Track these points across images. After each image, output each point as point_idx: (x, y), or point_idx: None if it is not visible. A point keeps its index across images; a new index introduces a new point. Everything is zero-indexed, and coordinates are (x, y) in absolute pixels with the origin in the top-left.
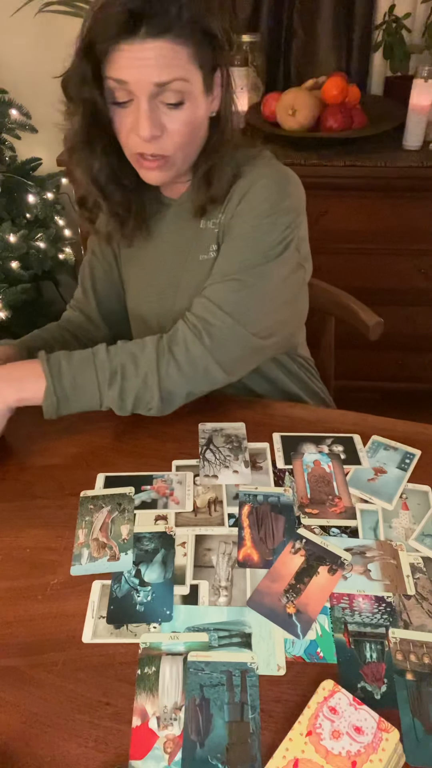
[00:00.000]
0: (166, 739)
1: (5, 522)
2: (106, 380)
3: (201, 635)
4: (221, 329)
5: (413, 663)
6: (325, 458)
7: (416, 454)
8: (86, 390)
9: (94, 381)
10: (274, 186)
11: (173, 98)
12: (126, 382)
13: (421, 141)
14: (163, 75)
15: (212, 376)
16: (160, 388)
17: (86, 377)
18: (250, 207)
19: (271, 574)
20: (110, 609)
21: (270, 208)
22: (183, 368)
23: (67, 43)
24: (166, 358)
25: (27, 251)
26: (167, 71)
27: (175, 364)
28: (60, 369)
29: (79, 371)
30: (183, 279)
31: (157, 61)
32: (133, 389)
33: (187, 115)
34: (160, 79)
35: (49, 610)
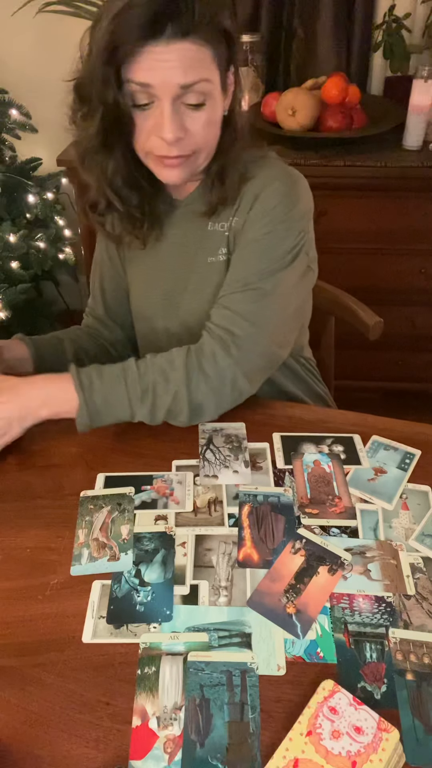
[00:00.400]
0: (166, 739)
1: (5, 522)
2: (137, 397)
3: (201, 635)
4: (246, 340)
5: (413, 663)
6: (325, 458)
7: (416, 454)
8: (118, 406)
9: (125, 398)
10: (285, 189)
11: (195, 99)
12: (157, 398)
13: (421, 141)
14: (188, 76)
15: (239, 387)
16: (190, 401)
17: (118, 394)
18: (264, 212)
19: (271, 574)
20: (110, 609)
21: (283, 213)
22: (212, 382)
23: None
24: (196, 373)
25: (27, 251)
26: (192, 72)
27: (204, 378)
28: (91, 385)
29: (110, 389)
30: (189, 281)
31: (182, 62)
32: (165, 405)
33: (208, 115)
34: (186, 80)
35: (49, 610)
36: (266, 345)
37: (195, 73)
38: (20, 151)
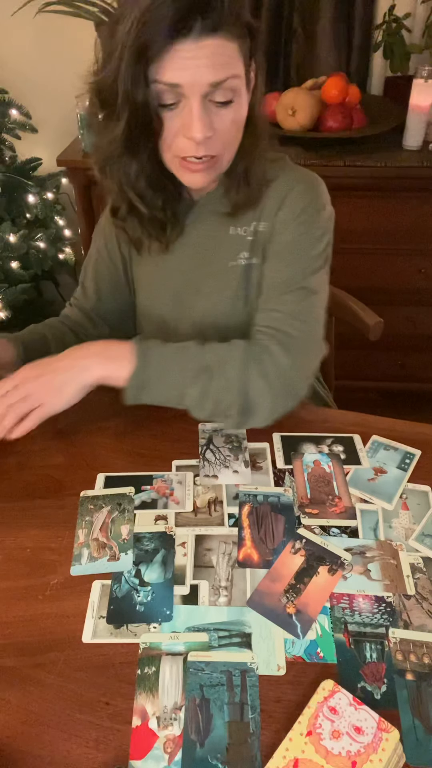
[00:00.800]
0: (166, 739)
1: (5, 522)
2: (191, 376)
3: (201, 635)
4: (302, 340)
5: (413, 663)
6: (325, 458)
7: (416, 454)
8: (170, 382)
9: (178, 375)
10: (311, 192)
11: (224, 96)
12: (211, 381)
13: (421, 141)
14: (218, 74)
15: (296, 389)
16: (244, 394)
17: (173, 369)
18: (294, 214)
19: (271, 574)
20: (110, 609)
21: (313, 214)
22: (270, 379)
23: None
24: (255, 366)
25: (27, 251)
26: (222, 69)
27: (263, 373)
28: (149, 355)
29: (167, 361)
30: (204, 283)
31: (212, 59)
32: (215, 391)
33: (235, 112)
34: (216, 78)
35: (49, 610)
36: (318, 343)
37: (225, 70)
38: (20, 151)
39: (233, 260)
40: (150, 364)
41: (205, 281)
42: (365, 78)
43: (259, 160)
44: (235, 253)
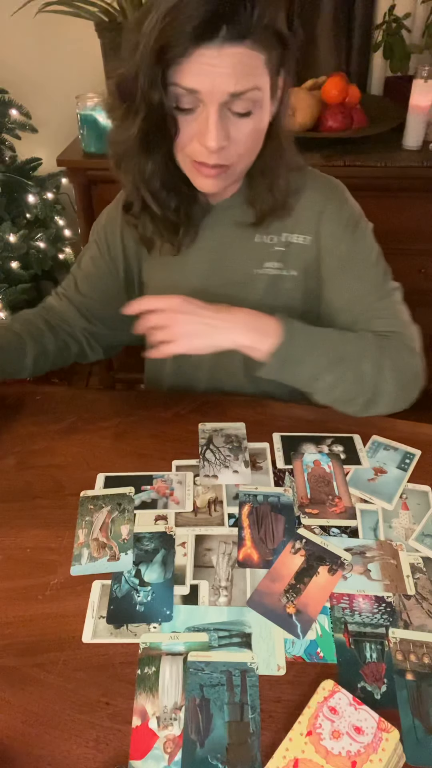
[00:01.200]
0: (166, 739)
1: (5, 522)
2: (328, 363)
3: (201, 635)
4: (414, 337)
5: (413, 663)
6: (325, 458)
7: (416, 454)
8: (309, 364)
9: (318, 359)
10: (345, 197)
11: (243, 107)
12: (346, 372)
13: (420, 141)
14: (239, 84)
15: (420, 383)
16: (374, 387)
17: (314, 353)
18: (342, 225)
19: (271, 574)
20: (110, 609)
21: (358, 219)
22: (400, 374)
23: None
24: (388, 362)
25: (27, 251)
26: (244, 80)
27: (395, 368)
28: (295, 335)
29: (311, 345)
30: (223, 290)
31: (234, 69)
32: (349, 382)
33: (254, 123)
34: (236, 88)
35: (49, 610)
36: (420, 337)
37: (246, 81)
38: (20, 151)
39: (259, 268)
40: (294, 345)
41: (223, 288)
42: (365, 78)
43: (282, 171)
44: (261, 261)
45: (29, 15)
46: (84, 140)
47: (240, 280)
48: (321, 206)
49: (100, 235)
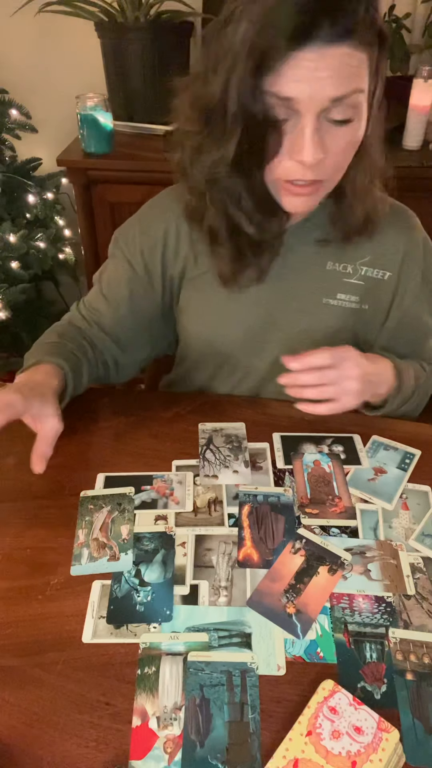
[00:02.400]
0: (166, 739)
1: (5, 522)
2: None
3: (201, 635)
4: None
5: (413, 663)
6: (325, 458)
7: (416, 454)
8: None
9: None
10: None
11: (343, 114)
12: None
13: (421, 141)
14: (342, 87)
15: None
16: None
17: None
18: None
19: (271, 574)
20: (110, 609)
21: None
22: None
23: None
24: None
25: (27, 251)
26: (347, 82)
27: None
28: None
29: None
30: (288, 319)
31: (337, 71)
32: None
33: (353, 132)
34: (338, 92)
35: (49, 610)
36: None
37: (349, 83)
38: (20, 151)
39: (331, 298)
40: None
41: (288, 316)
42: None
43: (373, 188)
44: (333, 292)
45: (29, 15)
46: (84, 140)
47: (309, 309)
48: (405, 246)
49: (135, 253)
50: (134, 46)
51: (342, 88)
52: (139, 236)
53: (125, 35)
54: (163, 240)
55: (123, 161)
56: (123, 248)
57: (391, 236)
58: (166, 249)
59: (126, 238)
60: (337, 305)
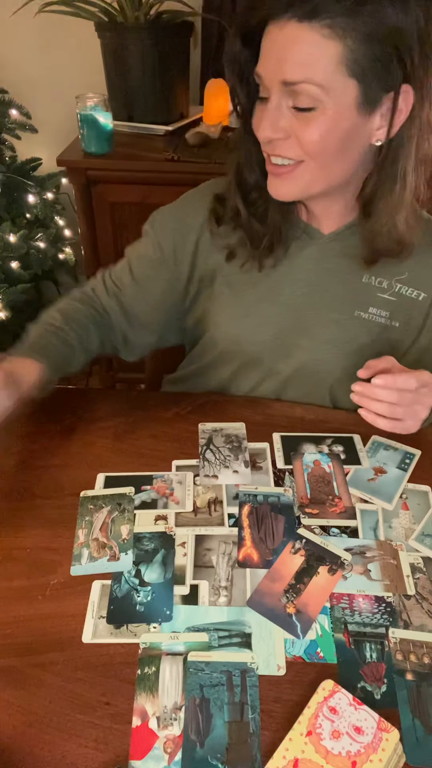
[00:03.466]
0: (166, 739)
1: (5, 522)
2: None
3: (201, 635)
4: None
5: (413, 663)
6: (325, 458)
7: (416, 454)
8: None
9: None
10: None
11: (302, 102)
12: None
13: None
14: (294, 73)
15: None
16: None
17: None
18: None
19: (271, 574)
20: (110, 609)
21: None
22: None
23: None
24: None
25: (27, 251)
26: (299, 69)
27: None
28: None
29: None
30: (318, 327)
31: (289, 53)
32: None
33: (320, 123)
34: (288, 77)
35: (49, 610)
36: None
37: (301, 71)
38: (20, 151)
39: (363, 311)
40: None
41: (318, 324)
42: None
43: (404, 206)
44: (365, 305)
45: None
46: (84, 140)
47: (340, 320)
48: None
49: (166, 237)
50: (134, 46)
51: (292, 73)
52: (174, 222)
53: (125, 35)
54: (199, 230)
55: (123, 161)
56: (157, 230)
57: (429, 257)
58: (201, 239)
59: (162, 221)
60: (368, 318)
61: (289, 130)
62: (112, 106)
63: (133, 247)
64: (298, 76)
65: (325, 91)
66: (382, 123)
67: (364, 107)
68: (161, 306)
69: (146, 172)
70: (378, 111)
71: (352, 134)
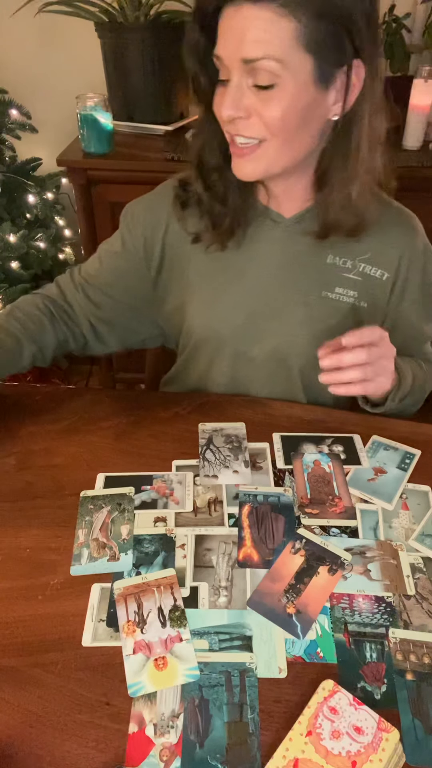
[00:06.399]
0: (162, 747)
1: (5, 522)
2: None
3: (201, 642)
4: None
5: (413, 663)
6: (325, 458)
7: (416, 454)
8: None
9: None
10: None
11: (262, 79)
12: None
13: (420, 141)
14: (252, 50)
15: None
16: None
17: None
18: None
19: (271, 574)
20: (110, 612)
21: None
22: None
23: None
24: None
25: (27, 251)
26: (258, 47)
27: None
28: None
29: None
30: (288, 309)
31: (247, 32)
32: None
33: (280, 99)
34: (246, 54)
35: (49, 610)
36: None
37: (260, 48)
38: (20, 151)
39: (330, 291)
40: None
41: (288, 306)
42: None
43: (355, 180)
44: (332, 285)
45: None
46: (84, 140)
47: (308, 301)
48: (408, 252)
49: (137, 227)
50: (134, 46)
51: (252, 50)
52: (144, 212)
53: (125, 35)
54: (167, 219)
55: (123, 161)
56: (128, 221)
57: (393, 237)
58: (169, 228)
59: (132, 212)
60: (335, 299)
61: (250, 109)
62: (112, 106)
63: (106, 241)
64: (258, 53)
65: (283, 67)
66: (337, 98)
67: (321, 82)
68: (131, 295)
69: (146, 172)
70: (333, 86)
71: (311, 110)
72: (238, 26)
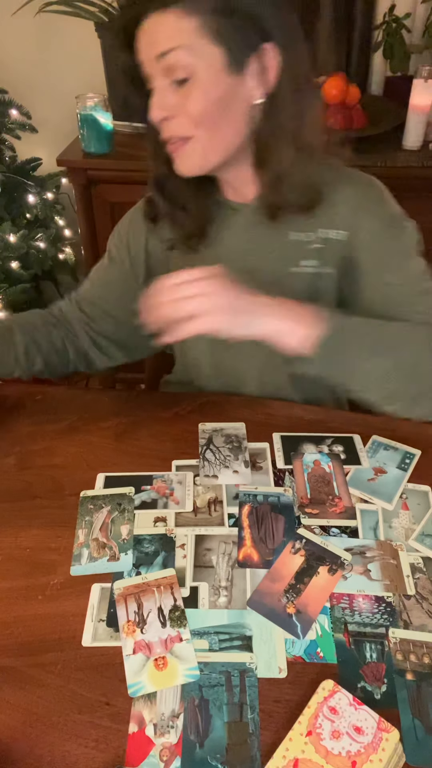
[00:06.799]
0: (162, 747)
1: (5, 522)
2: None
3: (201, 642)
4: None
5: (413, 663)
6: (325, 458)
7: (416, 454)
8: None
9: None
10: (383, 192)
11: (178, 74)
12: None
13: (420, 141)
14: (161, 45)
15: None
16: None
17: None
18: (384, 223)
19: (271, 574)
20: (110, 612)
21: (393, 213)
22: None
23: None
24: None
25: (27, 251)
26: (166, 41)
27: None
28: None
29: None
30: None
31: (156, 35)
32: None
33: (195, 92)
34: (159, 48)
35: (49, 611)
36: None
37: (168, 42)
38: (20, 151)
39: (295, 266)
40: (340, 333)
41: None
42: (365, 78)
43: (287, 155)
44: (297, 260)
45: (29, 15)
46: (84, 140)
47: (274, 281)
48: (358, 201)
49: (121, 240)
50: None
51: (161, 45)
52: (127, 226)
53: None
54: (147, 232)
55: (123, 161)
56: (114, 237)
57: (343, 194)
58: (149, 240)
59: (119, 228)
60: (300, 272)
61: (175, 108)
62: (112, 106)
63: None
64: (167, 45)
65: (194, 57)
66: (256, 82)
67: (234, 69)
68: (122, 306)
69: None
70: (247, 72)
71: (231, 97)
72: (150, 30)
